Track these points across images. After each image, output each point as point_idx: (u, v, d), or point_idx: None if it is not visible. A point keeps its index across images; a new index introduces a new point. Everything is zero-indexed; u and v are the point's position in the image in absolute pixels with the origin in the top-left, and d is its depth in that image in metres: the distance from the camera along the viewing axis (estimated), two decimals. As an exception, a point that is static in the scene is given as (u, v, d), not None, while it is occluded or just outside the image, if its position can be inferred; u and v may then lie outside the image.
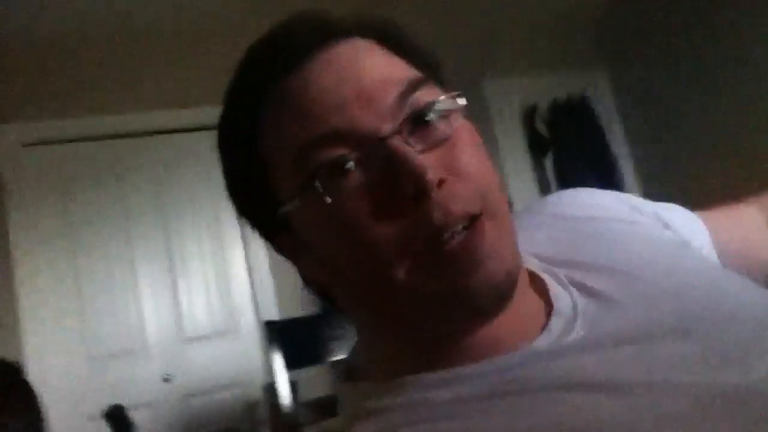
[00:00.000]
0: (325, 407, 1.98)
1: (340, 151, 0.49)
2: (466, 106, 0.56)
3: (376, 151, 0.49)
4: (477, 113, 3.83)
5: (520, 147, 3.97)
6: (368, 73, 0.52)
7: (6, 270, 3.01)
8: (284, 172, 0.53)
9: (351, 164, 0.50)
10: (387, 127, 0.50)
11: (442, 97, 0.53)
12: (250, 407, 3.28)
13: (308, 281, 0.59)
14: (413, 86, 0.52)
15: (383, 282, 0.51)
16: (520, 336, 0.55)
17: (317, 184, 0.50)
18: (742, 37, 3.40)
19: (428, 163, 0.48)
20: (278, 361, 2.45)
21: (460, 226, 0.49)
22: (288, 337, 2.40)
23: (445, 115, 0.53)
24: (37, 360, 2.98)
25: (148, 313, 3.22)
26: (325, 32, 0.54)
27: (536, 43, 3.99)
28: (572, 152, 3.92)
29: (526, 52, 4.00)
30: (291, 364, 2.35)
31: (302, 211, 0.53)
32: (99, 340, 3.16)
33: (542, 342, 0.55)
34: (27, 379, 2.27)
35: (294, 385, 2.74)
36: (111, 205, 3.26)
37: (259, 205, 0.57)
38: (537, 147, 4.01)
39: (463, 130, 0.54)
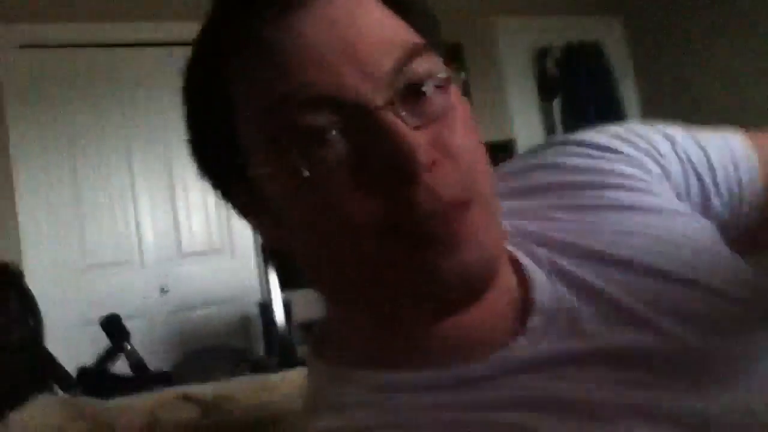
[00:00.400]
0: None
1: (325, 118, 0.44)
2: (463, 80, 0.52)
3: (364, 123, 0.44)
4: (488, 51, 3.80)
5: (528, 88, 3.95)
6: (365, 33, 0.46)
7: (6, 174, 3.03)
8: (253, 123, 0.48)
9: (335, 134, 0.45)
10: (379, 97, 0.44)
11: (442, 68, 0.48)
12: (245, 324, 3.36)
13: (265, 239, 0.56)
14: (412, 53, 0.47)
15: (353, 258, 0.47)
16: (493, 332, 0.51)
17: (294, 152, 0.45)
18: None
19: (421, 141, 0.44)
20: (274, 280, 2.52)
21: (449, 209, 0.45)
22: (284, 257, 2.44)
23: (443, 88, 0.48)
24: (35, 265, 3.02)
25: (145, 226, 3.25)
26: None
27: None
28: (581, 97, 3.90)
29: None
30: (286, 284, 2.41)
31: (272, 172, 0.48)
32: (96, 249, 3.20)
33: (519, 348, 0.49)
34: (26, 284, 2.34)
35: (287, 306, 2.83)
36: (112, 114, 3.23)
37: (219, 151, 0.51)
38: (546, 89, 3.98)
39: (459, 107, 0.49)
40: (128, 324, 3.11)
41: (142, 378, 2.14)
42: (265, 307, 2.78)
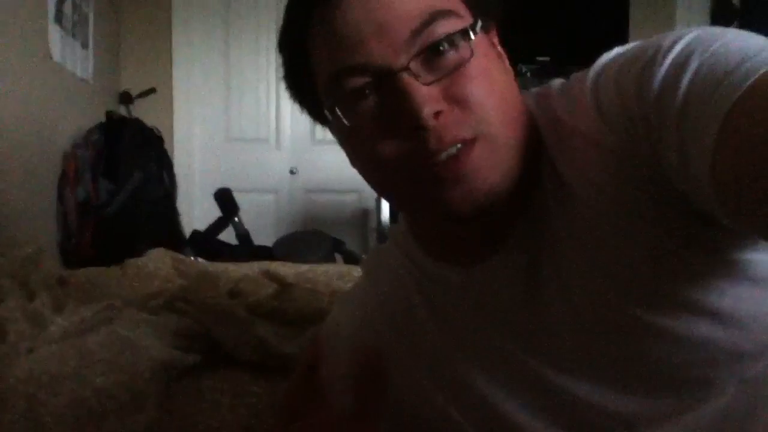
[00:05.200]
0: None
1: (360, 81, 0.55)
2: (489, 31, 0.60)
3: (389, 82, 0.54)
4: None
5: (701, 16, 3.61)
6: (389, 6, 0.55)
7: (166, 44, 3.32)
8: (322, 86, 0.60)
9: (368, 92, 0.56)
10: (399, 61, 0.54)
11: (457, 30, 0.56)
12: (364, 214, 3.53)
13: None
14: (430, 20, 0.55)
15: (388, 189, 0.62)
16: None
17: (338, 109, 0.57)
18: None
19: (430, 94, 0.54)
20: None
21: (453, 149, 0.54)
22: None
23: (459, 45, 0.56)
24: (182, 131, 3.35)
25: (284, 110, 3.45)
26: None
27: None
28: (764, 25, 3.52)
29: None
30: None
31: (333, 123, 0.60)
32: (238, 124, 3.48)
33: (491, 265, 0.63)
34: (165, 148, 2.59)
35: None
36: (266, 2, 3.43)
37: (310, 102, 0.64)
38: (721, 17, 3.63)
39: (476, 60, 0.56)
40: (259, 198, 3.38)
41: (245, 248, 2.34)
42: (380, 203, 2.89)
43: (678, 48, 0.49)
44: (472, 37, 0.56)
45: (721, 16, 3.61)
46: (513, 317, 0.62)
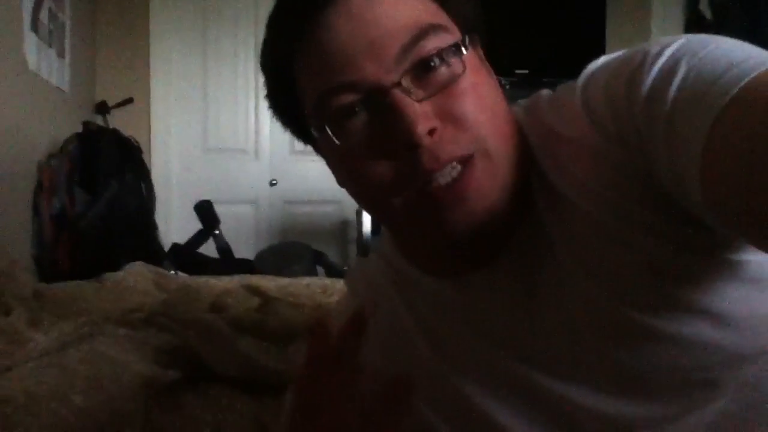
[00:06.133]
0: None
1: (350, 99, 0.54)
2: (477, 46, 0.59)
3: (380, 99, 0.53)
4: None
5: (676, 29, 3.66)
6: (379, 22, 0.54)
7: (144, 56, 3.29)
8: (309, 108, 0.58)
9: (358, 110, 0.54)
10: (390, 78, 0.53)
11: (451, 43, 0.55)
12: (344, 225, 3.52)
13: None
14: (420, 35, 0.54)
15: (381, 210, 0.60)
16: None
17: (328, 127, 0.55)
18: None
19: (423, 111, 0.52)
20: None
21: (450, 168, 0.53)
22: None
23: (450, 60, 0.55)
24: (160, 141, 3.33)
25: (263, 120, 3.43)
26: None
27: None
28: (736, 38, 3.56)
29: None
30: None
31: (321, 142, 0.59)
32: (217, 135, 3.45)
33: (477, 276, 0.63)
34: (143, 159, 2.56)
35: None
36: (246, 5, 3.42)
37: (295, 121, 0.63)
38: (695, 30, 3.68)
39: (467, 75, 0.55)
40: (238, 209, 3.36)
41: (226, 262, 2.31)
42: (360, 214, 2.88)
43: (666, 54, 0.49)
44: (464, 51, 0.55)
45: (694, 29, 3.67)
46: (507, 326, 0.61)
